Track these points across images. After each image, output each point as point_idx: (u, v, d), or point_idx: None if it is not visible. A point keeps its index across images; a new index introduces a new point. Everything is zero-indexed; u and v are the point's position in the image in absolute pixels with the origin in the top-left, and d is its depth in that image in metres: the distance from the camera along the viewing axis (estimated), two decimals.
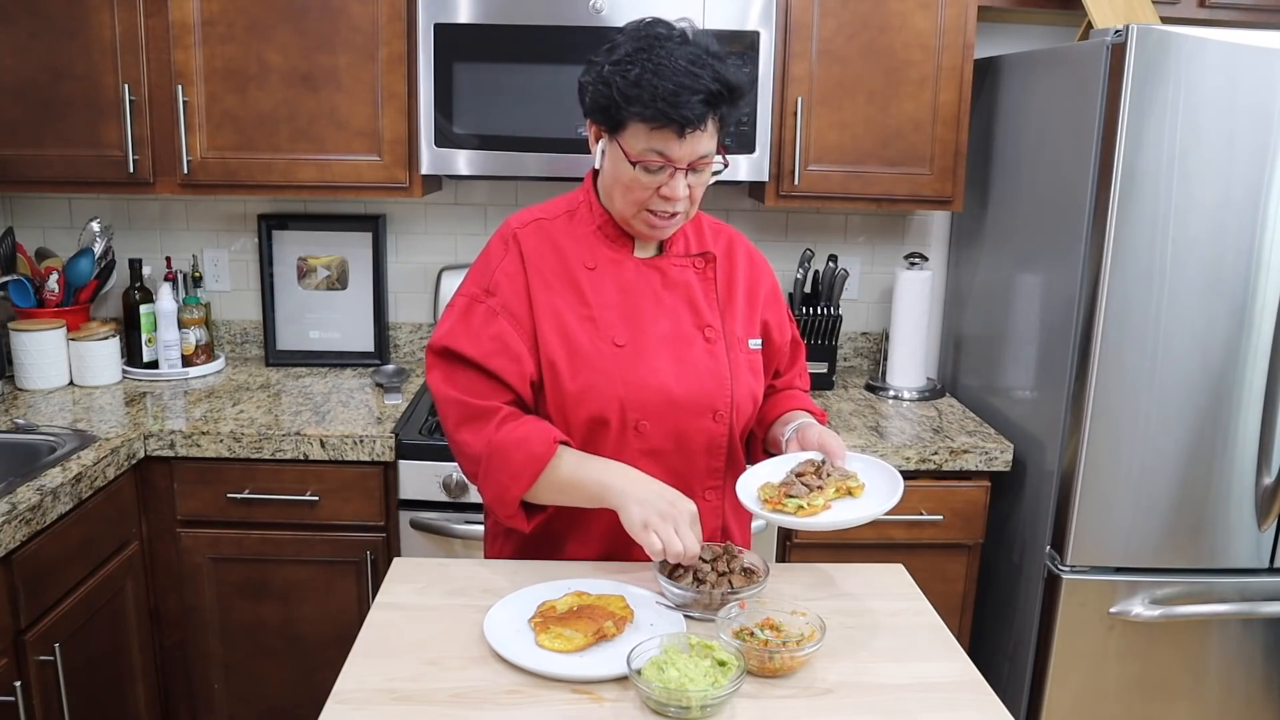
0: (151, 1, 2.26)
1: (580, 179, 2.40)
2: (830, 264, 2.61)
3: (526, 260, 1.48)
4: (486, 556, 1.63)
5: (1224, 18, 2.44)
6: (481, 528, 2.08)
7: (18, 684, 1.68)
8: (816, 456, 1.45)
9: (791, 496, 1.36)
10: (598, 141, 1.45)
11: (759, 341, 1.58)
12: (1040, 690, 2.16)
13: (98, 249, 2.58)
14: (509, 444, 1.39)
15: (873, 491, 1.42)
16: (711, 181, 1.47)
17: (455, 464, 2.09)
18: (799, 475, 1.40)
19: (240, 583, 2.21)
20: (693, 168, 1.41)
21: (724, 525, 1.58)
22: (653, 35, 1.40)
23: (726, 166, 1.46)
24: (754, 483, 1.44)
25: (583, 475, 1.40)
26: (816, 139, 2.36)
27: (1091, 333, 2.00)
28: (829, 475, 1.41)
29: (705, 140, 1.39)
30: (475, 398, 1.43)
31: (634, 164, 1.39)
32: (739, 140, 2.26)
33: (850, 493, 1.40)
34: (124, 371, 2.56)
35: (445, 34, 2.20)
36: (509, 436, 1.40)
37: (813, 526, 1.35)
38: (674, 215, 1.44)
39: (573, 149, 2.25)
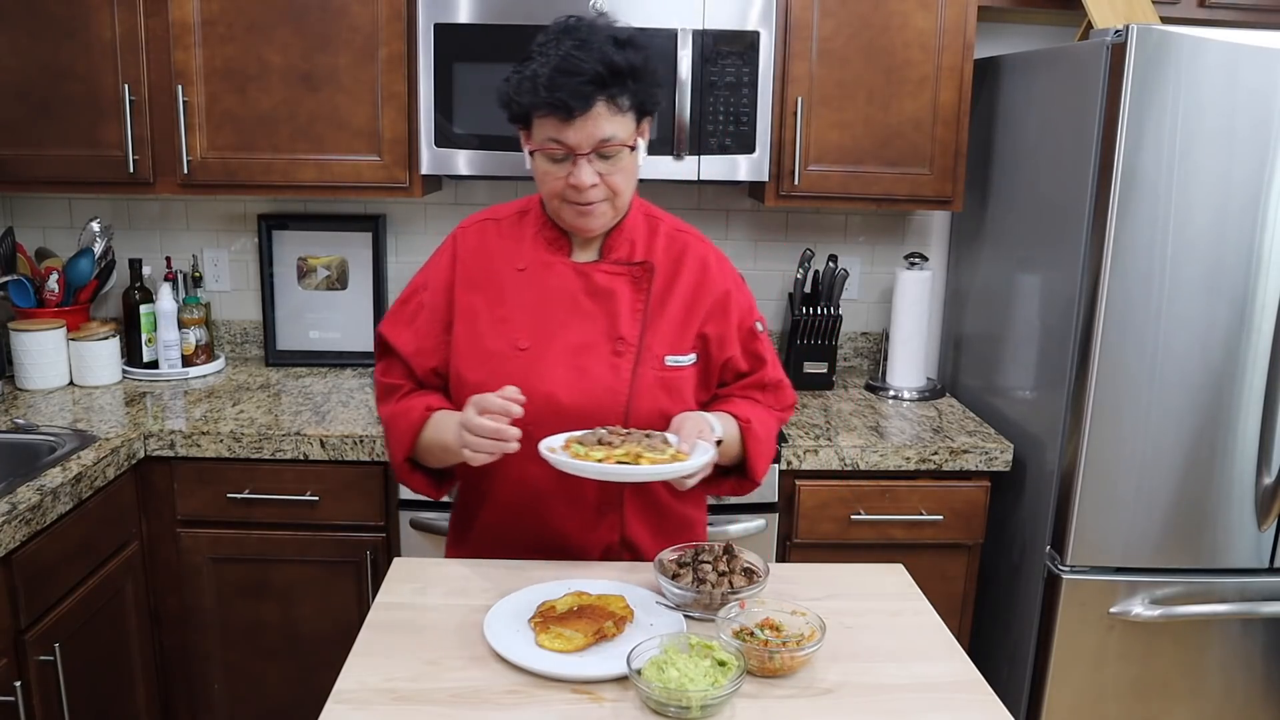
0: (151, 1, 2.26)
1: None
2: (830, 264, 2.61)
3: (458, 259, 1.55)
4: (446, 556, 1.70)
5: (1224, 18, 2.44)
6: None
7: (18, 684, 1.68)
8: (656, 433, 1.42)
9: (580, 444, 1.37)
10: (526, 146, 1.48)
11: (688, 358, 1.53)
12: (1040, 690, 2.16)
13: (98, 249, 2.58)
14: (396, 414, 1.52)
15: (668, 467, 1.36)
16: (644, 158, 1.49)
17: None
18: (611, 433, 1.40)
19: (240, 583, 2.21)
20: (600, 154, 1.41)
21: (625, 538, 1.55)
22: (558, 28, 1.43)
23: (633, 148, 1.44)
24: (567, 435, 1.43)
25: (434, 437, 1.47)
26: (816, 139, 2.36)
27: (1091, 333, 2.00)
28: (635, 442, 1.37)
29: (604, 124, 1.39)
30: (389, 378, 1.56)
31: (533, 153, 1.44)
32: (739, 140, 2.27)
33: (638, 459, 1.34)
34: (124, 371, 2.56)
35: (445, 34, 2.20)
36: (397, 408, 1.52)
37: (567, 467, 1.33)
38: (595, 204, 1.44)
39: None
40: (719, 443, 1.45)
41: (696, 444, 1.39)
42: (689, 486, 1.40)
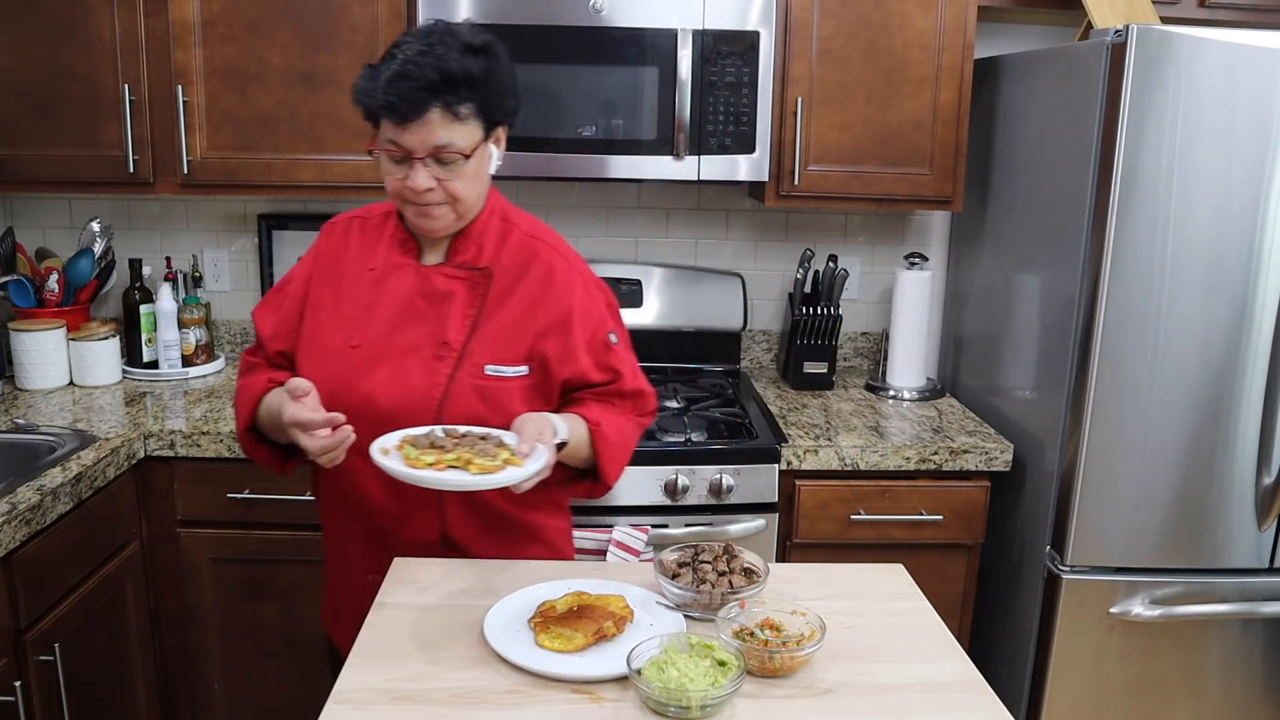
0: (151, 1, 2.25)
1: (580, 179, 2.42)
2: (830, 264, 2.61)
3: (319, 255, 1.59)
4: (323, 617, 1.73)
5: (1224, 18, 2.43)
6: None
7: (18, 684, 1.68)
8: (497, 434, 1.39)
9: (413, 445, 1.35)
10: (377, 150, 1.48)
11: (515, 370, 1.51)
12: (1040, 690, 2.16)
13: (98, 249, 2.58)
14: (243, 387, 1.57)
15: (497, 475, 1.33)
16: (496, 166, 1.51)
17: None
18: (446, 434, 1.38)
19: (240, 583, 2.21)
20: (437, 159, 1.42)
21: (446, 536, 1.54)
22: (416, 31, 1.45)
23: (469, 156, 1.43)
24: (404, 433, 1.40)
25: (273, 411, 1.47)
26: (816, 139, 2.36)
27: (1091, 333, 2.00)
28: (469, 446, 1.35)
29: (439, 131, 1.40)
30: (252, 356, 1.61)
31: (370, 152, 1.46)
32: (739, 140, 2.27)
33: (468, 465, 1.32)
34: (124, 371, 2.56)
35: None
36: (244, 381, 1.58)
37: (397, 474, 1.31)
38: (433, 206, 1.45)
39: (572, 149, 2.25)
40: (563, 445, 1.42)
41: (535, 447, 1.36)
42: (524, 490, 1.35)
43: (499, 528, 1.58)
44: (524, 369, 1.51)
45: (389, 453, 1.34)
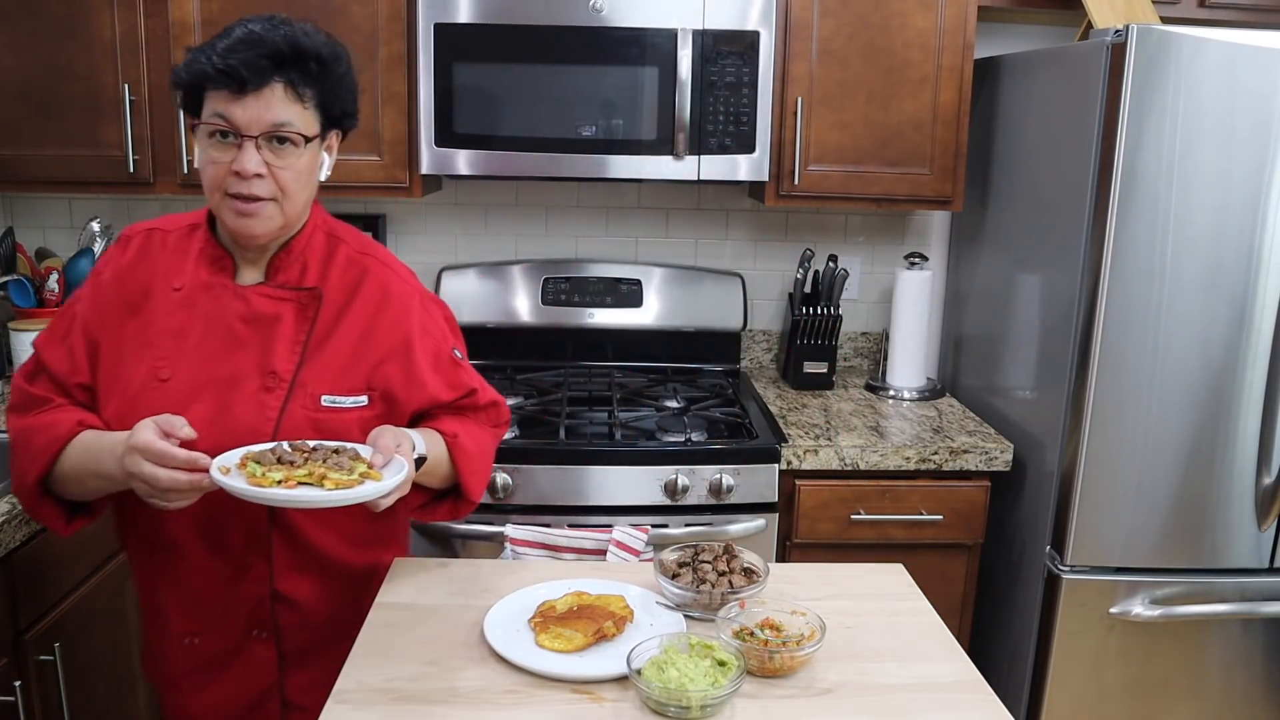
0: (151, 1, 2.25)
1: (580, 179, 2.42)
2: (830, 264, 2.61)
3: (115, 272, 1.39)
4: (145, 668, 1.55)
5: (1224, 17, 2.43)
6: (483, 527, 2.08)
7: (18, 684, 1.68)
8: (352, 447, 1.29)
9: (256, 463, 1.23)
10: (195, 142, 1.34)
11: (355, 400, 1.37)
12: (1040, 690, 2.16)
13: (98, 249, 2.57)
14: (35, 428, 1.32)
15: (356, 490, 1.23)
16: (326, 174, 1.37)
17: None
18: (292, 449, 1.26)
19: None
20: (274, 140, 1.28)
21: (276, 591, 1.40)
22: (249, 17, 1.33)
23: (310, 139, 1.31)
24: (251, 449, 1.27)
25: (84, 460, 1.28)
26: (816, 139, 2.36)
27: (1091, 333, 2.00)
28: (320, 460, 1.24)
29: (279, 108, 1.27)
30: (36, 388, 1.37)
31: (195, 127, 1.30)
32: (739, 140, 2.27)
33: (323, 481, 1.22)
34: None
35: (445, 34, 2.20)
36: (39, 420, 1.33)
37: (246, 495, 1.19)
38: (259, 202, 1.29)
39: (573, 149, 2.25)
40: (421, 460, 1.32)
41: (393, 459, 1.26)
42: (384, 507, 1.25)
43: (339, 577, 1.44)
44: (363, 399, 1.38)
45: (230, 471, 1.21)
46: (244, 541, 1.37)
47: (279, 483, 1.20)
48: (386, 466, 1.25)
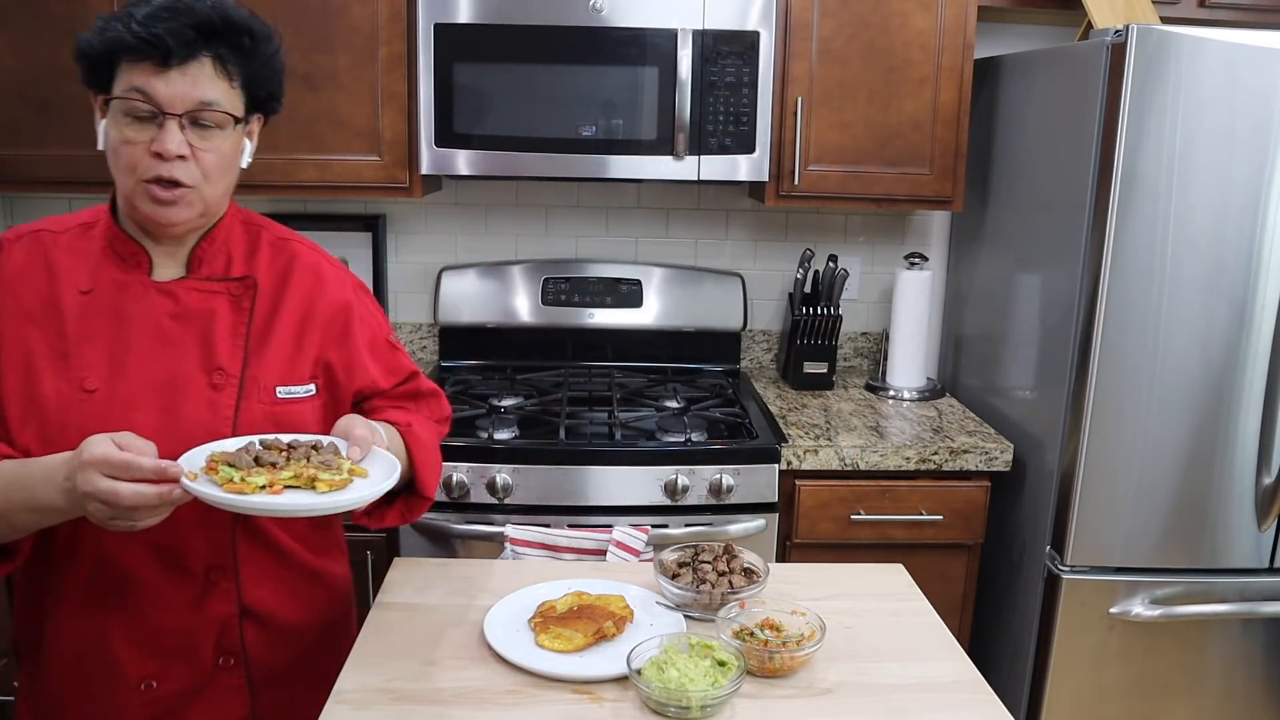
0: None
1: (580, 179, 2.42)
2: (830, 264, 2.61)
3: (4, 281, 1.24)
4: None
5: (1224, 17, 2.43)
6: (483, 527, 2.08)
7: (17, 684, 1.67)
8: (325, 440, 1.21)
9: (231, 465, 1.12)
10: (101, 119, 1.23)
11: (305, 389, 1.31)
12: (1040, 690, 2.16)
13: None
14: None
15: (353, 490, 1.16)
16: (247, 161, 1.27)
17: (456, 464, 2.09)
18: (266, 448, 1.16)
19: None
20: (197, 121, 1.18)
21: (245, 608, 1.29)
22: None
23: (239, 121, 1.23)
24: (214, 449, 1.17)
25: (13, 494, 1.12)
26: (816, 139, 2.36)
27: (1091, 333, 2.00)
28: (302, 459, 1.15)
29: (206, 85, 1.17)
30: None
31: (109, 102, 1.19)
32: (739, 140, 2.27)
33: (314, 484, 1.13)
34: None
35: (445, 34, 2.20)
36: None
37: (231, 505, 1.09)
38: (180, 189, 1.19)
39: (574, 149, 2.25)
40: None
41: (373, 453, 1.20)
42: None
43: (298, 583, 1.36)
44: (311, 387, 1.31)
45: (198, 478, 1.10)
46: (207, 555, 1.26)
47: (263, 488, 1.10)
48: (366, 461, 1.20)
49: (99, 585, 1.24)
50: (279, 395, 1.29)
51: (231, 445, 1.17)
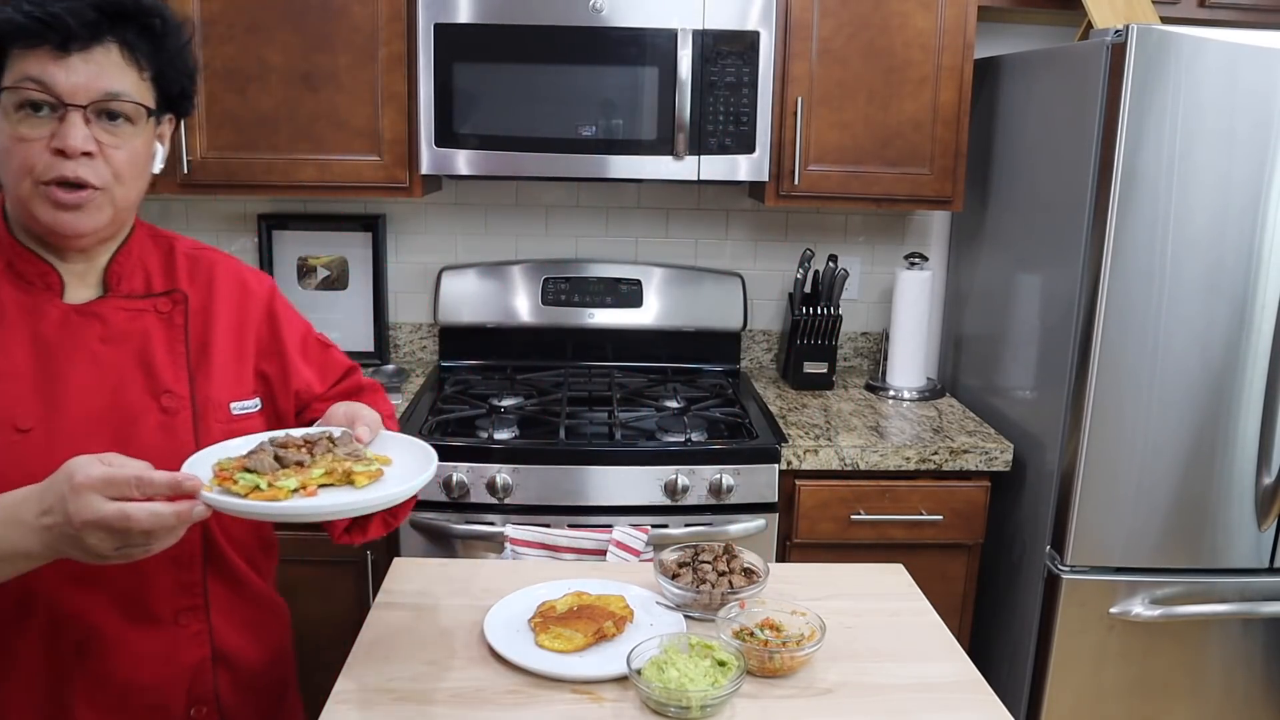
0: None
1: (580, 179, 2.42)
2: (830, 264, 2.61)
3: None
4: None
5: (1224, 17, 2.43)
6: (482, 527, 2.08)
7: None
8: (336, 431, 1.13)
9: (250, 471, 1.01)
10: None
11: (253, 403, 1.23)
12: (1040, 690, 2.16)
13: None
14: None
15: (392, 480, 1.08)
16: (159, 166, 1.17)
17: (455, 464, 2.09)
18: (281, 446, 1.06)
19: None
20: (102, 112, 1.05)
21: (217, 651, 1.20)
22: None
23: (151, 112, 1.10)
24: (214, 456, 1.07)
25: None
26: (816, 139, 2.36)
27: (1091, 333, 2.00)
28: (326, 453, 1.07)
29: (113, 74, 1.05)
30: None
31: (3, 90, 1.02)
32: (739, 140, 2.26)
33: (351, 479, 1.04)
34: None
35: (445, 34, 2.20)
36: None
37: (267, 514, 0.99)
38: (87, 192, 1.06)
39: (574, 149, 2.25)
40: None
41: (383, 436, 1.15)
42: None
43: (263, 615, 1.29)
44: (257, 401, 1.24)
45: (214, 490, 0.99)
46: (176, 597, 1.15)
47: (297, 491, 1.00)
48: (377, 445, 1.14)
49: (57, 649, 1.10)
50: (234, 412, 1.21)
51: (235, 449, 1.08)
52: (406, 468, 1.11)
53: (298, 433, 1.11)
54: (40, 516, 0.94)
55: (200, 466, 1.03)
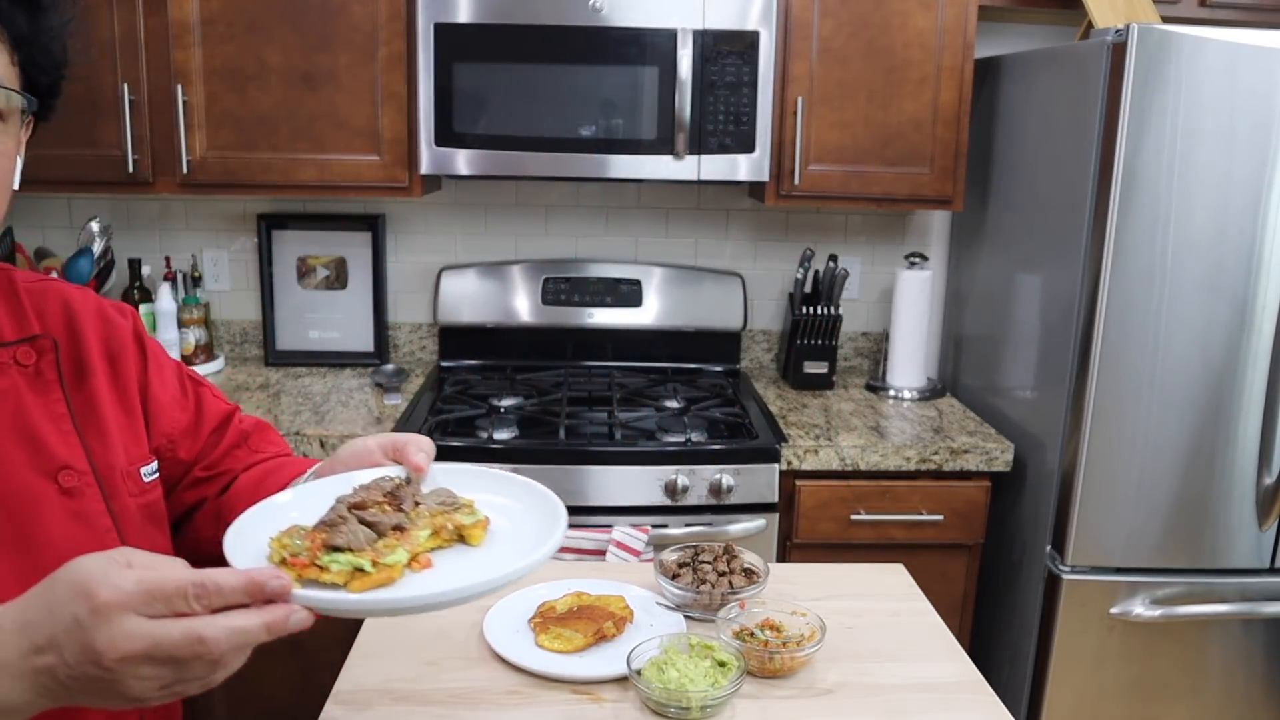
0: (151, 1, 2.25)
1: (580, 179, 2.42)
2: (830, 264, 2.61)
3: None
4: None
5: (1225, 17, 2.43)
6: None
7: None
8: (394, 473, 0.91)
9: (338, 549, 0.75)
10: None
11: (154, 466, 1.00)
12: (1040, 690, 2.16)
13: (97, 249, 2.57)
14: None
15: (512, 529, 0.86)
16: (17, 182, 0.93)
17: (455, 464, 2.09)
18: (356, 507, 0.81)
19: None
20: None
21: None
22: None
23: (26, 93, 0.89)
24: (263, 529, 0.81)
25: None
26: (816, 139, 2.36)
27: (1091, 333, 2.00)
28: (417, 504, 0.84)
29: None
30: None
31: None
32: (739, 140, 2.26)
33: (464, 535, 0.83)
34: None
35: (445, 34, 2.20)
36: None
37: (396, 609, 0.76)
38: None
39: (574, 149, 2.25)
40: None
41: (436, 471, 0.93)
42: None
43: None
44: (155, 464, 1.00)
45: (308, 587, 0.75)
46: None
47: (408, 565, 0.77)
48: (449, 483, 0.92)
49: None
50: (145, 479, 0.97)
51: (269, 520, 0.81)
52: (497, 506, 0.88)
53: (364, 478, 0.86)
54: (32, 656, 0.66)
55: (252, 539, 0.78)
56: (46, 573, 0.72)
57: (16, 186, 0.93)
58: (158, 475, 1.00)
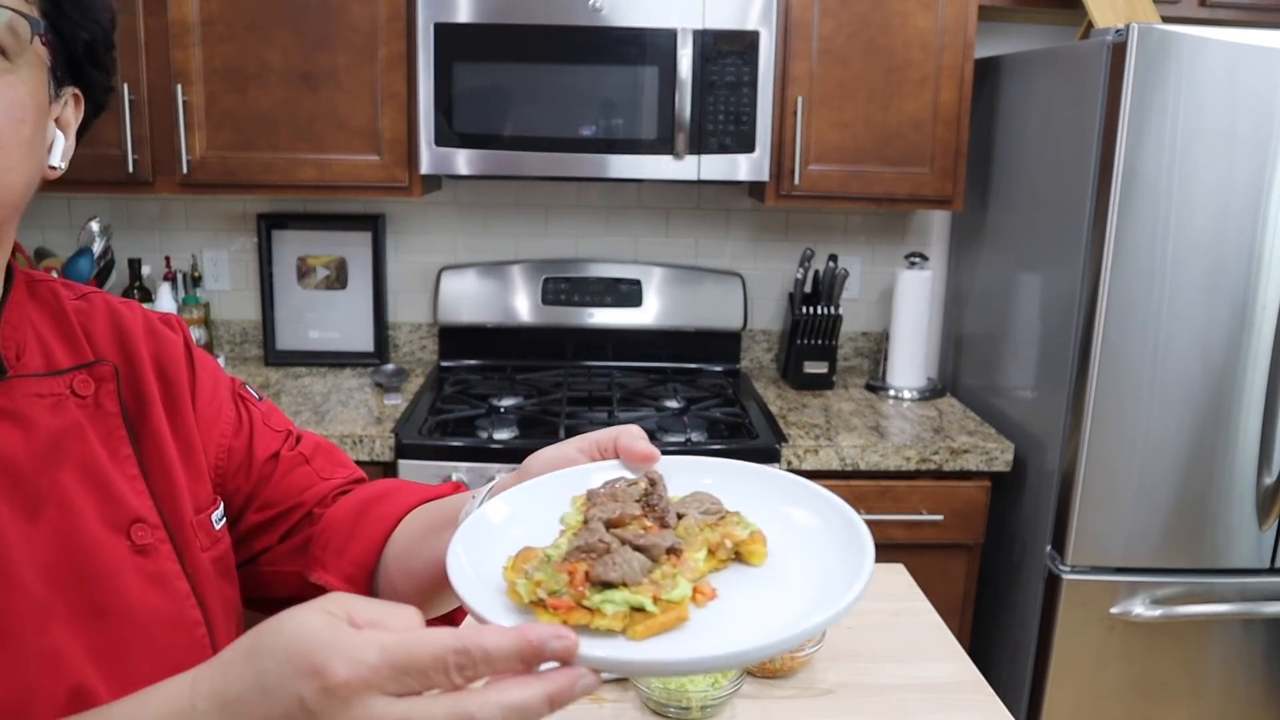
0: (151, 1, 2.25)
1: (580, 179, 2.42)
2: (830, 264, 2.61)
3: None
4: None
5: (1225, 17, 2.43)
6: None
7: None
8: (630, 474, 0.70)
9: (609, 585, 0.57)
10: None
11: (223, 509, 0.86)
12: (1040, 690, 2.16)
13: (97, 248, 2.57)
14: None
15: (800, 541, 0.64)
16: (60, 162, 0.81)
17: (456, 464, 2.09)
18: (613, 525, 0.62)
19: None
20: None
21: None
22: None
23: (41, 30, 0.70)
24: (483, 556, 0.62)
25: None
26: (817, 139, 2.36)
27: (1091, 333, 2.00)
28: (680, 516, 0.64)
29: None
30: None
31: None
32: (739, 140, 2.26)
33: (741, 553, 0.63)
34: None
35: (445, 34, 2.20)
36: None
37: (715, 664, 0.53)
38: None
39: (574, 149, 2.25)
40: None
41: (666, 463, 0.71)
42: None
43: None
44: (221, 505, 0.86)
45: (595, 645, 0.55)
46: None
47: (701, 593, 0.59)
48: (689, 477, 0.70)
49: None
50: (215, 527, 0.84)
51: (487, 543, 0.63)
52: (769, 516, 0.66)
53: (587, 479, 0.68)
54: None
55: (477, 576, 0.60)
56: (126, 647, 0.65)
57: (56, 163, 0.79)
58: (225, 520, 0.86)
